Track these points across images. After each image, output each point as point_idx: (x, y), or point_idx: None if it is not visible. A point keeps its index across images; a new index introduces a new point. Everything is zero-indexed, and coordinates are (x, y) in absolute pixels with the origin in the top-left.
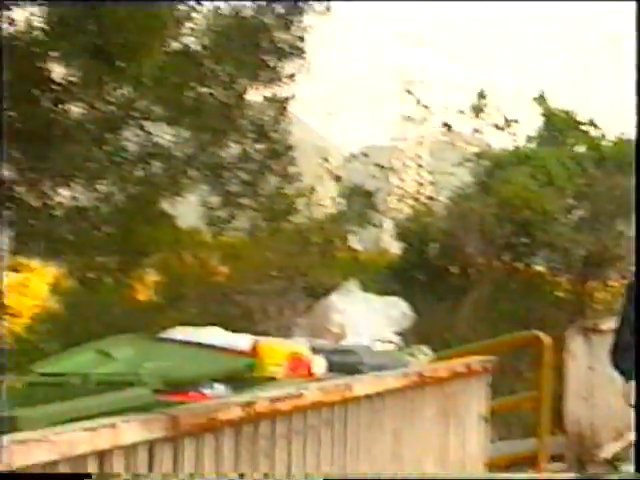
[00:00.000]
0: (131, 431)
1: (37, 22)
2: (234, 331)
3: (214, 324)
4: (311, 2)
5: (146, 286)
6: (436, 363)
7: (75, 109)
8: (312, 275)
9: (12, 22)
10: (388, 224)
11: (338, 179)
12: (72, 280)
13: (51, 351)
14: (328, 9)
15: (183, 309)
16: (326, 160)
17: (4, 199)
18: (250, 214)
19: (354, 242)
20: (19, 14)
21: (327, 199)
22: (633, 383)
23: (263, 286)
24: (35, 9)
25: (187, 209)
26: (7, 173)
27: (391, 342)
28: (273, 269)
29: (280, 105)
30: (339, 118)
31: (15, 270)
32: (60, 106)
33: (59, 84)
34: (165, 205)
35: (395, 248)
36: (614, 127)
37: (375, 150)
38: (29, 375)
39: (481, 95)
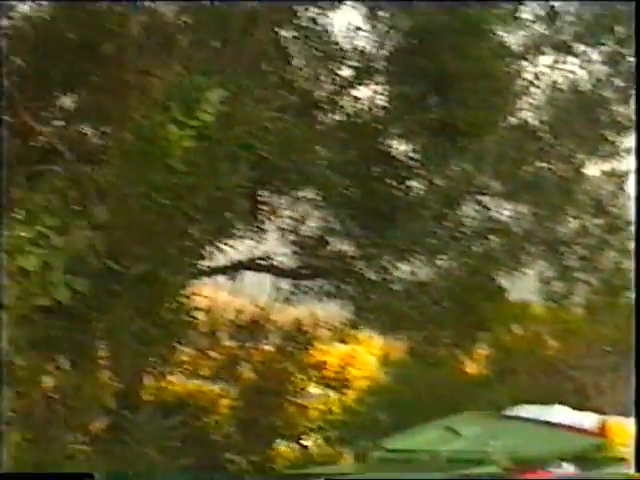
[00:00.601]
0: None
1: (380, 100)
2: (571, 408)
3: (546, 399)
4: None
5: (476, 360)
6: None
7: (415, 185)
8: None
9: (357, 100)
10: None
11: None
12: (402, 352)
13: (382, 424)
14: None
15: (513, 383)
16: None
17: (344, 274)
18: (586, 289)
19: None
20: (362, 92)
21: None
22: None
23: (596, 361)
24: (378, 87)
25: (515, 281)
26: (347, 248)
27: None
28: (607, 344)
29: (619, 179)
30: None
31: (343, 342)
32: (401, 183)
33: (400, 161)
34: (502, 280)
35: None
36: None
37: None
38: (377, 451)
39: None
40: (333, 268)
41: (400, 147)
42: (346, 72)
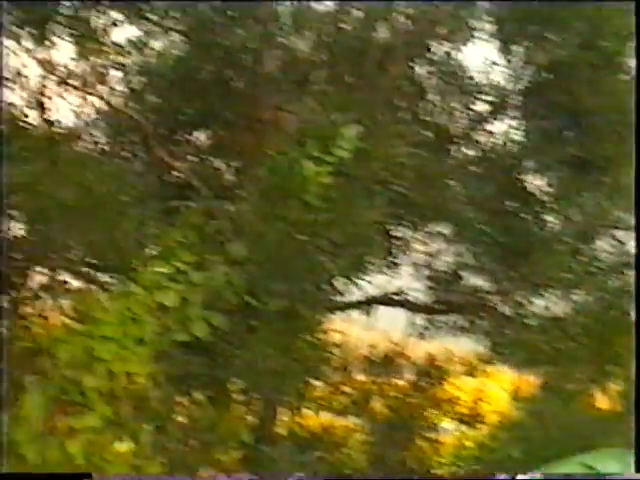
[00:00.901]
0: None
1: (515, 134)
2: None
3: None
4: None
5: (609, 395)
6: None
7: (550, 219)
8: None
9: (491, 134)
10: None
11: None
12: (532, 387)
13: (514, 459)
14: None
15: None
16: None
17: (478, 309)
18: None
19: None
20: (497, 127)
21: None
22: None
23: None
24: (514, 122)
25: None
26: (481, 283)
27: None
28: None
29: None
30: None
31: (471, 375)
32: (536, 217)
33: (534, 195)
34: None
35: None
36: None
37: None
38: None
39: None
40: (467, 303)
41: (535, 181)
42: (481, 107)
